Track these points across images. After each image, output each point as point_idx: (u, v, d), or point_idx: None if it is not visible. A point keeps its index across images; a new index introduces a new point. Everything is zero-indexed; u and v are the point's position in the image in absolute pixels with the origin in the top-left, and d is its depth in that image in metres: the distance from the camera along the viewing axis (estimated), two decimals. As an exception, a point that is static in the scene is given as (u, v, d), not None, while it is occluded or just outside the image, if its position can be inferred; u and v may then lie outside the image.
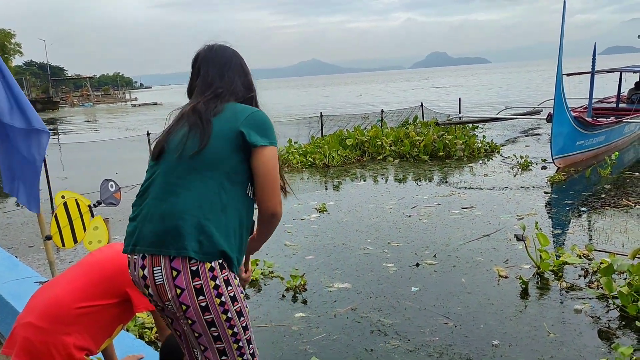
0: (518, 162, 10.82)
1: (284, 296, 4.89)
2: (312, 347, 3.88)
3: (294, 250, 6.25)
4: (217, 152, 1.69)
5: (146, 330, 4.10)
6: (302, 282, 5.06)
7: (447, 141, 12.21)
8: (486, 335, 3.91)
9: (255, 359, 1.78)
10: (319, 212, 7.84)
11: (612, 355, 3.51)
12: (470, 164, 11.29)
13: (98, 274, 2.31)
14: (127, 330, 2.96)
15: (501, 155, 12.15)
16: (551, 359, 3.53)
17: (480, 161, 11.56)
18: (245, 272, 2.03)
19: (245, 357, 1.72)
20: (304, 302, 4.73)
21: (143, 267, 1.66)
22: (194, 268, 1.60)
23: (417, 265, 5.45)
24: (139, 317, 4.00)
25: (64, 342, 2.15)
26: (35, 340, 2.17)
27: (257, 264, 5.54)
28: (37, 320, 2.20)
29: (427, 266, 5.41)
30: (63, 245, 3.71)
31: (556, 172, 9.79)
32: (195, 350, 1.81)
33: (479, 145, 12.56)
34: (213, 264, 1.63)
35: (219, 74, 1.88)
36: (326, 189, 9.74)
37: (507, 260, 5.45)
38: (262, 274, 5.40)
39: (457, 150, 12.08)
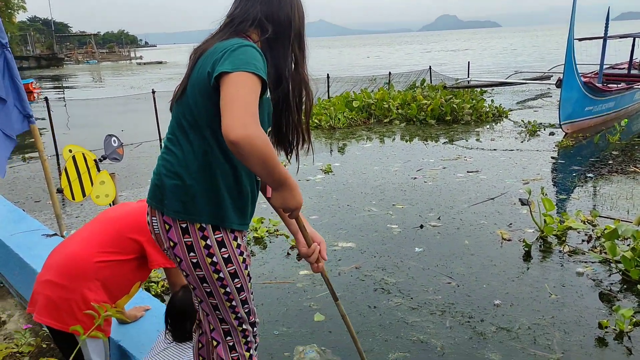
0: (526, 127, 10.73)
1: (288, 254, 4.94)
2: (316, 304, 3.93)
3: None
4: (194, 102, 1.56)
5: (152, 283, 4.17)
6: (307, 241, 5.10)
7: (454, 105, 12.10)
8: (488, 295, 3.96)
9: (251, 318, 1.76)
10: (324, 173, 7.84)
11: (612, 317, 3.55)
12: (477, 129, 11.21)
13: (116, 230, 2.32)
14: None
15: (509, 120, 12.04)
16: (552, 319, 3.57)
17: (488, 126, 11.47)
18: (308, 246, 1.87)
19: (239, 315, 1.71)
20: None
21: (148, 214, 1.71)
22: (183, 225, 1.59)
23: (421, 226, 5.47)
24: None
25: (85, 297, 2.17)
26: (55, 297, 2.20)
27: (262, 222, 5.58)
28: (56, 278, 2.23)
29: (431, 228, 5.43)
30: (73, 198, 3.73)
31: (564, 137, 9.72)
32: (194, 300, 1.82)
33: (487, 109, 12.44)
34: (204, 224, 1.58)
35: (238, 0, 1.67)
36: (332, 150, 9.72)
37: (511, 223, 5.46)
38: (267, 232, 5.44)
39: (465, 115, 11.98)
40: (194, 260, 1.61)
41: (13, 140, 3.91)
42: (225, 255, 1.62)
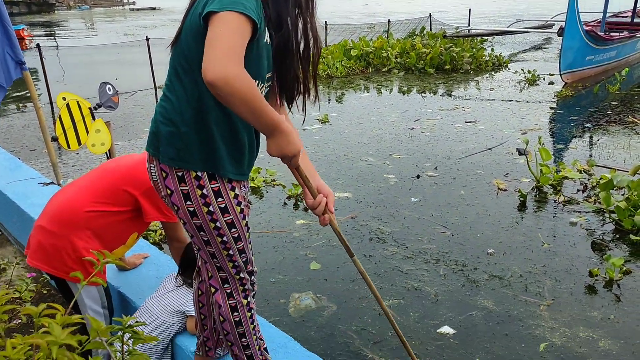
0: (525, 76, 10.61)
1: (285, 204, 4.97)
2: (312, 253, 3.99)
3: (296, 159, 6.27)
4: (187, 47, 1.51)
5: (150, 232, 4.21)
6: (304, 191, 5.12)
7: (454, 54, 11.92)
8: (482, 244, 4.02)
9: (249, 267, 1.77)
10: (321, 123, 7.80)
11: (603, 265, 3.62)
12: (476, 78, 11.09)
13: (110, 181, 2.31)
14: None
15: (509, 69, 11.90)
16: (543, 268, 3.64)
17: (487, 75, 11.34)
18: (314, 198, 1.74)
19: (236, 263, 1.73)
20: (305, 209, 4.82)
21: (147, 161, 1.70)
22: (179, 174, 1.58)
23: (418, 177, 5.50)
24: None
25: (74, 245, 2.20)
26: (46, 243, 2.23)
27: (259, 172, 5.59)
28: (48, 224, 2.25)
29: (428, 178, 5.46)
30: (68, 146, 3.71)
31: (563, 87, 9.64)
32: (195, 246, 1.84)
33: (487, 58, 12.27)
34: (199, 173, 1.58)
35: None
36: (329, 100, 9.63)
37: (508, 173, 5.48)
38: (264, 181, 5.46)
39: (464, 64, 11.82)
40: (191, 209, 1.61)
41: (3, 89, 3.85)
42: (222, 205, 1.62)
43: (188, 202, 1.61)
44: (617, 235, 4.10)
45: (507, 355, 2.79)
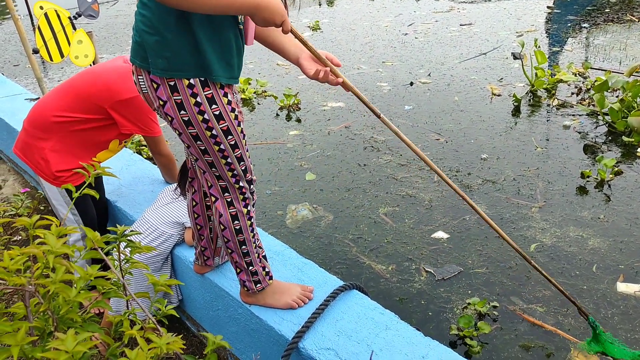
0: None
1: (277, 115, 4.92)
2: (307, 163, 4.00)
3: (287, 70, 6.13)
4: None
5: (144, 147, 4.18)
6: (296, 101, 5.06)
7: (449, -49, 11.34)
8: (476, 149, 4.03)
9: (248, 175, 1.78)
10: (312, 30, 7.55)
11: (595, 167, 3.66)
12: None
13: (83, 89, 2.31)
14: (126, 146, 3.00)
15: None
16: (536, 171, 3.68)
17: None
18: (318, 59, 1.69)
19: (235, 172, 1.72)
20: (298, 120, 4.77)
21: (134, 74, 1.63)
22: (171, 83, 1.53)
23: (411, 84, 5.41)
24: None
25: (39, 145, 2.32)
26: (23, 141, 2.39)
27: (249, 83, 5.48)
28: (26, 124, 2.40)
29: (421, 85, 5.37)
30: (51, 59, 3.58)
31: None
32: (189, 157, 1.83)
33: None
34: (192, 80, 1.53)
35: None
36: (320, 4, 9.26)
37: (502, 78, 5.40)
38: (255, 93, 5.37)
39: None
40: (185, 119, 1.58)
41: None
42: (217, 112, 1.59)
43: (182, 112, 1.57)
44: (610, 138, 4.11)
45: (498, 257, 2.88)
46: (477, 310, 2.52)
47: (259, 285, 1.93)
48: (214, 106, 1.58)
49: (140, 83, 1.61)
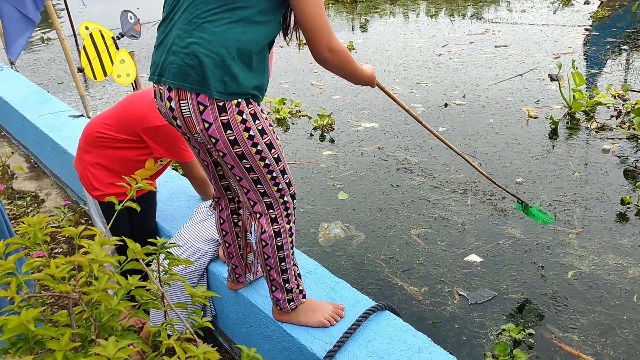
0: (560, -3, 10.10)
1: (311, 135, 4.96)
2: (339, 183, 4.01)
3: (321, 90, 6.19)
4: None
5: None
6: (330, 122, 5.10)
7: (485, -26, 11.34)
8: (511, 173, 3.98)
9: (292, 189, 1.81)
10: (347, 50, 7.62)
11: (635, 193, 3.56)
12: None
13: (123, 111, 2.43)
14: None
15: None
16: (574, 196, 3.60)
17: (519, -3, 10.82)
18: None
19: (280, 186, 1.75)
20: (332, 140, 4.80)
21: (170, 99, 1.62)
22: (220, 104, 1.56)
23: (446, 105, 5.39)
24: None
25: (84, 157, 2.47)
26: (77, 153, 2.57)
27: (284, 103, 5.55)
28: (80, 138, 2.56)
29: (456, 106, 5.35)
30: (94, 77, 3.71)
31: (599, 7, 9.15)
32: (230, 180, 1.86)
33: (520, -22, 11.66)
34: (239, 99, 1.59)
35: None
36: (353, 27, 9.36)
37: (539, 100, 5.33)
38: (289, 113, 5.43)
39: (495, -15, 11.27)
40: (232, 138, 1.61)
41: (32, 21, 3.82)
42: (260, 127, 1.64)
43: (229, 132, 1.60)
44: (651, 163, 4.00)
45: (534, 283, 2.82)
46: (512, 337, 2.46)
47: (292, 303, 1.93)
48: (257, 122, 1.63)
49: (182, 107, 1.60)
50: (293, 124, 5.24)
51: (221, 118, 1.57)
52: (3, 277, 1.02)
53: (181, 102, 1.60)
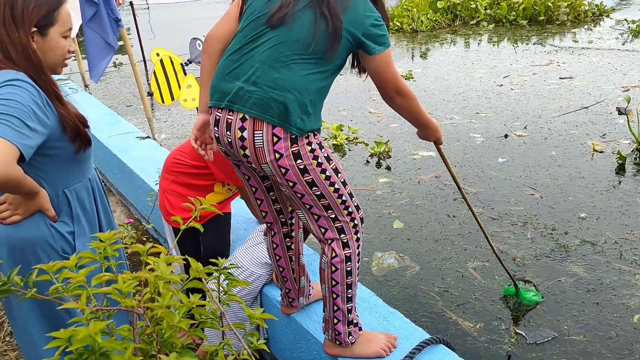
0: (629, 27, 9.77)
1: (368, 162, 4.97)
2: (395, 211, 3.99)
3: (379, 117, 6.21)
4: (336, 53, 1.66)
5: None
6: (387, 149, 5.09)
7: (549, 3, 11.15)
8: (574, 207, 3.83)
9: (360, 212, 1.83)
10: (405, 79, 7.63)
11: None
12: (573, 30, 10.35)
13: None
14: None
15: (611, 19, 10.99)
16: (642, 235, 3.44)
17: (586, 26, 10.55)
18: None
19: (350, 209, 1.78)
20: (388, 168, 4.79)
21: (242, 129, 1.65)
22: (293, 136, 1.64)
23: (506, 136, 5.29)
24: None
25: (162, 183, 2.59)
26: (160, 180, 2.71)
27: (341, 130, 5.60)
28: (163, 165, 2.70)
29: (516, 137, 5.24)
30: (162, 101, 3.89)
31: (674, 40, 8.80)
32: (298, 211, 1.86)
33: (586, 8, 11.38)
34: (309, 133, 1.69)
35: None
36: (413, 55, 9.38)
37: (605, 134, 5.15)
38: (346, 139, 5.47)
39: (560, 14, 11.05)
40: (302, 167, 1.66)
41: (112, 47, 4.05)
42: (326, 155, 1.72)
43: (299, 161, 1.65)
44: None
45: (597, 325, 2.69)
46: (572, 379, 2.35)
47: (351, 337, 1.91)
48: (323, 150, 1.72)
49: (256, 137, 1.64)
50: (350, 150, 5.27)
51: (292, 149, 1.64)
52: (74, 289, 1.07)
53: (255, 132, 1.63)
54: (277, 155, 1.64)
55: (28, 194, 1.59)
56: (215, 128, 1.73)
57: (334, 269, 1.81)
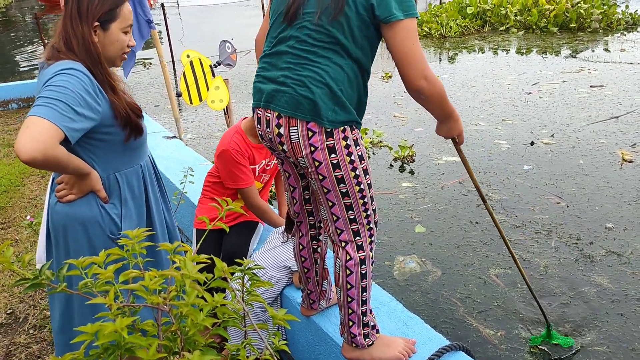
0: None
1: (391, 165, 4.97)
2: (417, 216, 3.98)
3: (403, 122, 6.20)
4: (350, 25, 1.59)
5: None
6: (411, 153, 5.09)
7: (582, 10, 10.98)
8: (600, 217, 3.78)
9: (376, 216, 1.85)
10: (432, 84, 7.59)
11: None
12: (605, 37, 10.17)
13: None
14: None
15: (644, 28, 10.78)
16: (671, 248, 3.37)
17: (619, 34, 10.36)
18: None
19: (368, 212, 1.80)
20: (412, 172, 4.78)
21: (279, 126, 1.70)
22: (328, 130, 1.65)
23: (532, 143, 5.23)
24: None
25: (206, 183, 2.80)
26: None
27: (366, 133, 5.61)
28: None
29: (543, 145, 5.17)
30: (190, 102, 3.96)
31: None
32: (321, 207, 1.88)
33: (620, 16, 11.17)
34: (346, 126, 1.68)
35: None
36: (440, 60, 9.33)
37: (635, 144, 5.05)
38: (371, 142, 5.48)
39: (593, 22, 10.86)
40: (334, 161, 1.68)
41: (139, 45, 4.19)
42: (359, 153, 1.72)
43: (332, 155, 1.67)
44: None
45: (620, 336, 2.65)
46: (594, 392, 2.32)
47: (367, 339, 1.92)
48: (358, 147, 1.72)
49: (292, 133, 1.68)
50: (374, 153, 5.27)
51: (327, 142, 1.66)
52: (102, 285, 1.11)
53: (291, 129, 1.68)
54: (312, 149, 1.67)
55: (75, 174, 1.68)
56: (259, 126, 1.79)
57: (348, 272, 1.83)
